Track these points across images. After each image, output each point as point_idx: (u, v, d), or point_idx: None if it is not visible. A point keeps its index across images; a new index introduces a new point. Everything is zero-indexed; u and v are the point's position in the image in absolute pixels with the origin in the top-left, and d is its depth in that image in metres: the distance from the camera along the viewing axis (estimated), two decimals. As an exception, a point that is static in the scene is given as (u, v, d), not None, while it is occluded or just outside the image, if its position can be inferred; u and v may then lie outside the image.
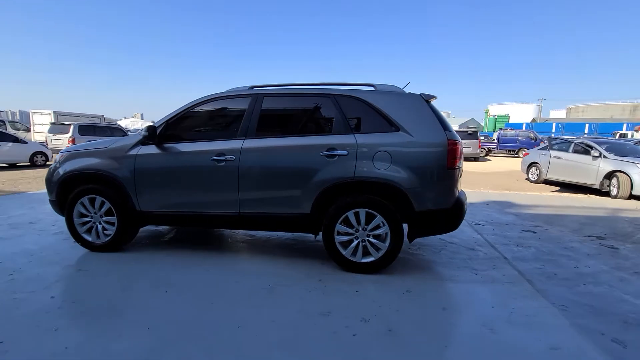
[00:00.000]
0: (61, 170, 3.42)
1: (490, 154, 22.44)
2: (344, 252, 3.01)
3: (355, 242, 3.00)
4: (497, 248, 3.83)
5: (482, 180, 10.31)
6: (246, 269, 3.12)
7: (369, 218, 2.96)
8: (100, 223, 3.39)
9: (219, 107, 3.34)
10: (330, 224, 2.99)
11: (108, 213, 3.35)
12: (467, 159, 17.79)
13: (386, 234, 2.94)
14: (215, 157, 3.10)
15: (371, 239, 2.98)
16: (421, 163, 2.91)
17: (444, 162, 2.88)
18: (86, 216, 3.40)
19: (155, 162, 3.23)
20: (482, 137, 23.02)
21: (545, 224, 4.98)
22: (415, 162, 2.91)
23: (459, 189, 3.15)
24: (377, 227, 2.95)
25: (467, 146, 17.24)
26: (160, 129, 3.25)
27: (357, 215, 2.96)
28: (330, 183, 2.95)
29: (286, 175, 3.04)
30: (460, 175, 3.14)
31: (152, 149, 3.23)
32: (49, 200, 3.55)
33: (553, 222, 5.08)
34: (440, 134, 2.91)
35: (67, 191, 3.41)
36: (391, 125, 2.97)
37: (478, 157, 18.33)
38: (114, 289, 2.69)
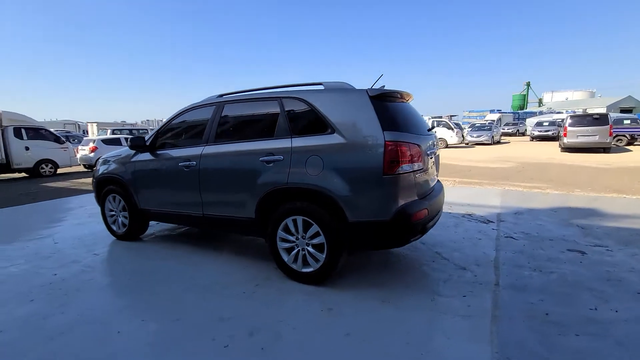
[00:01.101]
0: (97, 173, 4.32)
1: (635, 143, 17.22)
2: (285, 259, 2.94)
3: (296, 250, 2.90)
4: (500, 270, 3.06)
5: (588, 179, 8.08)
6: (210, 267, 3.34)
7: (307, 226, 2.81)
8: (120, 217, 4.16)
9: (194, 117, 3.65)
10: (272, 230, 2.95)
11: (123, 209, 4.08)
12: (594, 150, 14.15)
13: (323, 244, 2.74)
14: (183, 163, 3.42)
15: (310, 249, 2.83)
16: (353, 168, 2.59)
17: (379, 168, 2.49)
18: (112, 210, 4.23)
19: (145, 167, 3.78)
20: (627, 121, 17.87)
21: (619, 243, 3.68)
22: (347, 167, 2.61)
23: (414, 195, 2.66)
24: (315, 236, 2.78)
25: (590, 134, 13.75)
26: (152, 138, 3.77)
27: (296, 222, 2.85)
28: (268, 189, 2.91)
29: (233, 180, 3.14)
30: (416, 179, 2.66)
31: (145, 156, 3.79)
32: (94, 196, 4.53)
33: (636, 242, 3.70)
34: (376, 134, 2.53)
35: (100, 190, 4.29)
36: (327, 127, 2.73)
37: (609, 148, 14.29)
38: (100, 271, 3.30)
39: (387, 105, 2.72)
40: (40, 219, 5.45)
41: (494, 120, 31.06)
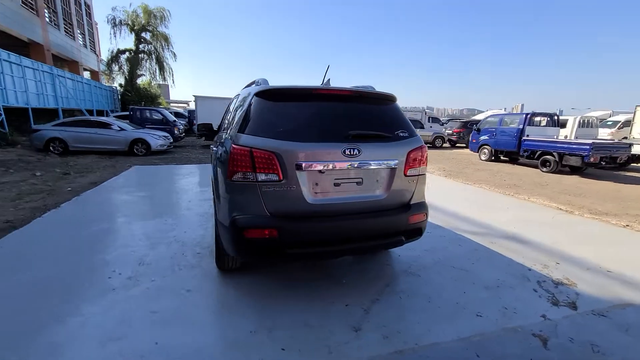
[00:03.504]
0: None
1: None
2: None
3: (220, 234, 3.17)
4: (394, 360, 1.98)
5: None
6: (204, 229, 4.16)
7: (219, 216, 3.02)
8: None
9: (231, 107, 4.36)
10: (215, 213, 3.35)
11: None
12: None
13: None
14: (214, 145, 4.32)
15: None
16: (221, 168, 2.62)
17: (225, 171, 2.37)
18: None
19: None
20: None
21: None
22: (220, 166, 2.69)
23: (261, 210, 2.28)
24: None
25: None
26: (221, 122, 4.87)
27: (219, 210, 3.11)
28: (214, 175, 3.29)
29: (215, 165, 3.71)
30: (265, 191, 2.26)
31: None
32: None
33: None
34: (234, 136, 2.41)
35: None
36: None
37: None
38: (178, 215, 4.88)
39: (272, 105, 2.43)
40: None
41: None
